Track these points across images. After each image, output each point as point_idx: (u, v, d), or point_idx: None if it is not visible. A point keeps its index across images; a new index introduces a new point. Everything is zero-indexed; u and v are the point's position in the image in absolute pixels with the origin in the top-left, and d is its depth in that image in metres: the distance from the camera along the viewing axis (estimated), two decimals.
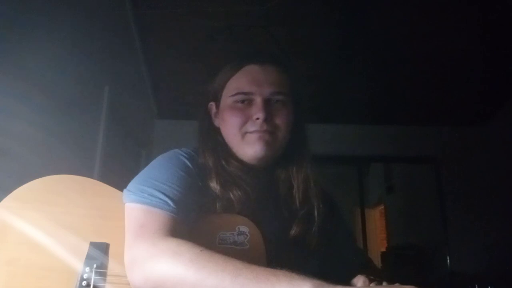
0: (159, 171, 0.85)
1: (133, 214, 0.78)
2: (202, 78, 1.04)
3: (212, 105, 1.01)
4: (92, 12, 2.20)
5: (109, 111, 2.41)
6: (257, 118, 0.91)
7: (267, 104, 0.92)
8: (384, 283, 0.69)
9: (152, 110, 3.83)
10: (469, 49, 3.15)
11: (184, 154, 0.90)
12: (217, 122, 1.00)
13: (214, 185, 0.88)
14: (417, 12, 2.84)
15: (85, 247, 0.78)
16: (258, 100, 0.92)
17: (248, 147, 0.92)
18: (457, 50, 3.16)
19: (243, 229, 0.83)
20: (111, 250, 0.79)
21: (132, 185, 0.82)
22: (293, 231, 0.92)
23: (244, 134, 0.92)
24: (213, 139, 0.97)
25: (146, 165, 0.90)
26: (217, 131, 0.99)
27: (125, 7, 2.72)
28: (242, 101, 0.93)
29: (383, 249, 4.97)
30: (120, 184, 0.85)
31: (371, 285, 0.73)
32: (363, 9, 2.84)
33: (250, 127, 0.92)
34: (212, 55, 2.85)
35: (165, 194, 0.78)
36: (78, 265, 0.76)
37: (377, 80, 3.50)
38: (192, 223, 0.81)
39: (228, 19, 2.85)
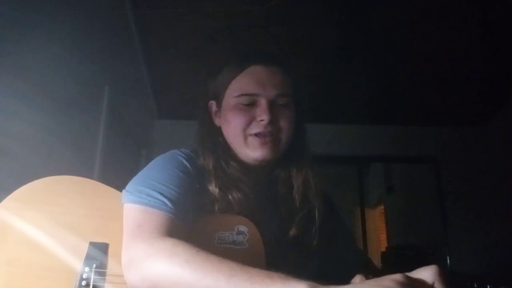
0: (157, 171, 0.85)
1: (131, 214, 0.78)
2: (202, 78, 1.04)
3: (212, 103, 1.00)
4: (92, 12, 2.20)
5: (109, 111, 2.41)
6: (262, 120, 0.90)
7: (272, 106, 0.92)
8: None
9: (152, 110, 3.83)
10: (469, 49, 3.16)
11: (183, 155, 0.90)
12: (217, 122, 0.99)
13: (212, 188, 0.88)
14: (417, 12, 2.84)
15: (85, 247, 0.78)
16: (263, 102, 0.91)
17: (251, 151, 0.92)
18: (457, 50, 3.16)
19: (242, 228, 0.83)
20: (110, 250, 0.79)
21: (130, 185, 0.83)
22: (292, 232, 0.92)
23: (247, 137, 0.92)
24: (213, 140, 0.96)
25: (146, 165, 0.90)
26: (217, 131, 0.98)
27: (125, 7, 2.73)
28: (247, 103, 0.93)
29: (383, 249, 4.97)
30: (120, 184, 0.86)
31: (358, 280, 0.73)
32: (363, 9, 2.85)
33: (254, 128, 0.91)
34: (212, 55, 2.85)
35: (162, 195, 0.78)
36: (78, 265, 0.77)
37: (377, 80, 3.50)
38: (191, 223, 0.81)
39: (228, 19, 2.85)
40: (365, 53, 3.25)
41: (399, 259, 4.18)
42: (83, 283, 0.75)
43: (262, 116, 0.90)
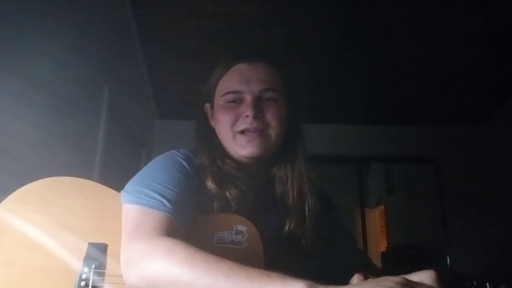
0: (156, 172, 0.85)
1: (130, 214, 0.78)
2: (202, 78, 1.04)
3: (207, 106, 1.02)
4: (92, 12, 2.20)
5: (109, 111, 2.41)
6: (247, 116, 0.91)
7: (257, 102, 0.93)
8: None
9: (152, 110, 3.83)
10: (469, 49, 3.16)
11: (181, 155, 0.91)
12: (213, 123, 1.00)
13: (209, 184, 0.89)
14: (417, 12, 2.84)
15: (84, 248, 0.78)
16: (248, 98, 0.92)
17: (239, 148, 0.92)
18: (457, 50, 3.16)
19: (241, 228, 0.83)
20: (110, 250, 0.79)
21: (129, 186, 0.83)
22: (286, 228, 0.92)
23: (235, 134, 0.93)
24: (208, 139, 0.98)
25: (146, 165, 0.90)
26: (212, 132, 0.99)
27: (125, 7, 2.73)
28: (233, 100, 0.94)
29: (383, 249, 4.96)
30: (120, 184, 0.86)
31: (356, 279, 0.73)
32: (363, 9, 2.85)
33: (241, 125, 0.92)
34: (212, 55, 2.85)
35: (161, 195, 0.79)
36: (77, 265, 0.77)
37: (377, 80, 3.50)
38: (189, 223, 0.81)
39: (228, 19, 2.85)
40: (365, 53, 3.25)
41: (399, 259, 4.18)
42: (83, 283, 0.75)
43: (247, 112, 0.91)
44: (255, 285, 0.61)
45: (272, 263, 0.79)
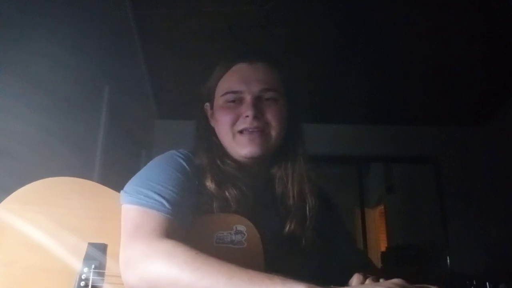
0: (156, 172, 0.85)
1: (129, 215, 0.78)
2: (202, 78, 1.04)
3: (207, 106, 1.02)
4: (92, 12, 2.20)
5: (109, 111, 2.41)
6: (247, 116, 0.91)
7: (257, 102, 0.93)
8: (381, 280, 0.69)
9: (152, 110, 3.83)
10: (469, 49, 3.16)
11: (181, 155, 0.91)
12: (212, 123, 1.00)
13: (209, 184, 0.89)
14: (417, 12, 2.84)
15: (84, 248, 0.78)
16: (248, 98, 0.93)
17: (239, 148, 0.92)
18: (457, 50, 3.16)
19: (240, 228, 0.83)
20: (109, 251, 0.79)
21: (128, 186, 0.83)
22: (287, 228, 0.92)
23: (235, 133, 0.93)
24: (208, 139, 0.98)
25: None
26: (212, 132, 0.99)
27: (125, 7, 2.73)
28: (233, 100, 0.94)
29: (383, 249, 4.96)
30: (120, 184, 0.86)
31: (356, 279, 0.73)
32: (363, 9, 2.85)
33: (241, 125, 0.92)
34: (212, 55, 2.85)
35: (161, 196, 0.79)
36: (77, 265, 0.77)
37: (377, 80, 3.50)
38: (189, 224, 0.81)
39: (228, 19, 2.85)
40: (365, 53, 3.25)
41: (399, 259, 4.18)
42: (82, 283, 0.75)
43: (247, 112, 0.91)
44: (256, 287, 0.61)
45: (272, 263, 0.79)
